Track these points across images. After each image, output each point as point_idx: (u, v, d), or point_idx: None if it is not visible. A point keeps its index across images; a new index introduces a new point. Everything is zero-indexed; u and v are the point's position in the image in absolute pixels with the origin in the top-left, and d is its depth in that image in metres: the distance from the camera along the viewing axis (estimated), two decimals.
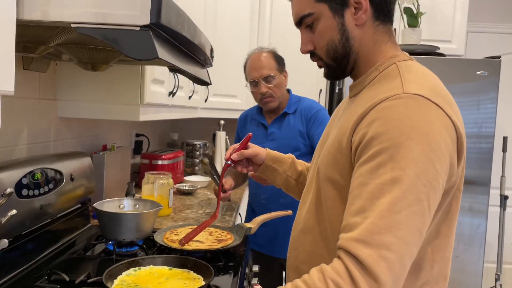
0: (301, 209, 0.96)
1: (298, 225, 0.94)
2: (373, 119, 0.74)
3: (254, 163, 1.17)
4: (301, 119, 1.84)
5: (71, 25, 0.77)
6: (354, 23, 0.83)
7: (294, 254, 0.94)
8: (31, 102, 1.35)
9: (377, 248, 0.66)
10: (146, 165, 2.25)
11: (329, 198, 0.83)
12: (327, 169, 0.84)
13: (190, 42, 1.00)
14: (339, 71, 0.89)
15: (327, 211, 0.84)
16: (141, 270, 1.07)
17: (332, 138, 0.86)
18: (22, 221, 1.08)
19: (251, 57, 1.88)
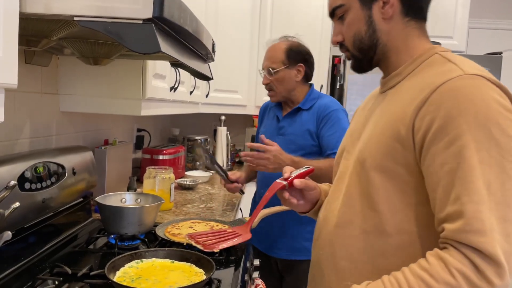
0: (332, 204, 0.93)
1: (330, 220, 0.90)
2: (440, 102, 0.73)
3: (305, 197, 1.03)
4: (314, 117, 1.70)
5: (73, 18, 0.78)
6: (381, 17, 0.86)
7: (329, 250, 0.89)
8: (33, 96, 1.35)
9: (490, 233, 0.67)
10: (147, 160, 2.26)
11: (381, 189, 0.81)
12: (377, 159, 0.81)
13: (192, 36, 1.01)
14: (365, 62, 0.91)
15: (378, 200, 0.81)
16: (144, 263, 1.08)
17: (380, 126, 0.83)
18: (24, 214, 1.09)
19: (269, 45, 1.80)
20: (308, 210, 1.06)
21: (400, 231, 0.79)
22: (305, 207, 1.05)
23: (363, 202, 0.84)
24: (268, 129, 1.82)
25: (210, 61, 1.43)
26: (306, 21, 2.88)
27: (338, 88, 2.88)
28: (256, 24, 2.85)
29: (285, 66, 1.72)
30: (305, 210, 1.07)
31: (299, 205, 1.04)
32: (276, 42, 1.80)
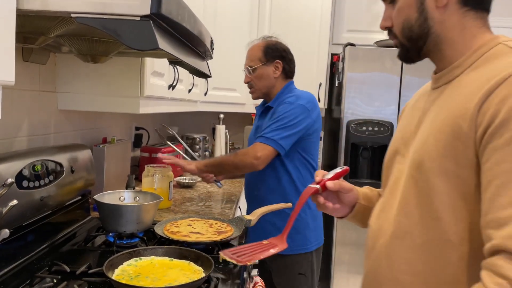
0: (387, 212, 0.85)
1: (385, 230, 0.83)
2: (506, 95, 0.66)
3: (340, 200, 0.98)
4: (273, 112, 1.76)
5: (71, 15, 0.77)
6: (434, 4, 0.79)
7: (387, 263, 0.82)
8: (31, 94, 1.35)
9: None
10: (146, 158, 2.26)
11: (443, 194, 0.73)
12: (437, 161, 0.73)
13: (191, 34, 1.00)
14: (413, 53, 0.84)
15: (439, 207, 0.74)
16: (142, 261, 1.08)
17: (438, 125, 0.76)
18: (22, 212, 1.08)
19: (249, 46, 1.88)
20: (346, 214, 1.01)
21: (464, 240, 0.72)
22: (343, 211, 1.00)
23: (422, 210, 0.76)
24: (253, 128, 1.92)
25: (209, 59, 1.43)
26: (305, 20, 2.88)
27: (336, 86, 2.88)
28: (254, 23, 2.85)
29: (262, 63, 1.78)
30: (343, 214, 1.01)
31: (336, 209, 0.98)
32: (252, 43, 1.87)
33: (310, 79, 2.92)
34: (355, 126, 2.65)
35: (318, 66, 2.93)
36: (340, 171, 0.97)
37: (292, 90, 1.82)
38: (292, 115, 1.67)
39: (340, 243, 2.70)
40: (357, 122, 2.65)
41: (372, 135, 2.64)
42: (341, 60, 2.73)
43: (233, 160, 1.70)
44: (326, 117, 3.25)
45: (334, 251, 2.71)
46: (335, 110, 2.95)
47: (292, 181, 1.75)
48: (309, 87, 2.89)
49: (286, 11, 2.88)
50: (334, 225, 2.71)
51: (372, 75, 2.63)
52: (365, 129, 2.64)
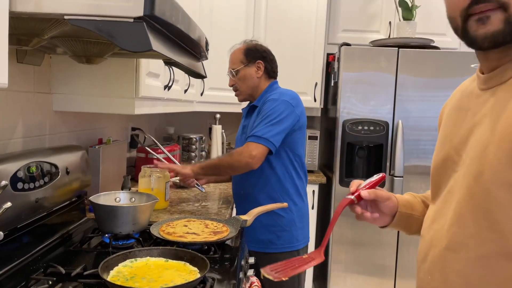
0: (439, 223, 0.81)
1: (438, 242, 0.79)
2: None
3: (379, 209, 0.95)
4: (258, 111, 1.79)
5: (64, 17, 0.77)
6: None
7: (441, 276, 0.78)
8: (26, 96, 1.35)
9: None
10: (142, 158, 2.26)
11: (506, 206, 0.69)
12: (499, 170, 0.69)
13: (185, 35, 1.00)
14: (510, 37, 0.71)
15: (502, 220, 0.70)
16: (138, 262, 1.08)
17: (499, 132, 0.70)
18: (17, 214, 1.08)
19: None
20: (388, 223, 0.98)
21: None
22: (383, 220, 0.97)
23: (479, 221, 0.72)
24: (239, 128, 1.95)
25: (204, 59, 1.43)
26: (300, 20, 2.89)
27: (332, 86, 2.88)
28: (250, 23, 2.85)
29: (244, 65, 1.83)
30: (384, 223, 0.98)
31: (376, 219, 0.95)
32: (233, 48, 1.92)
33: (306, 79, 2.92)
34: (351, 126, 2.65)
35: (314, 66, 2.93)
36: (376, 179, 0.96)
37: (276, 88, 1.85)
38: (278, 111, 1.70)
39: (337, 242, 2.71)
40: (353, 121, 2.65)
41: (368, 134, 2.64)
42: (337, 60, 2.74)
43: (228, 161, 1.71)
44: (322, 117, 3.26)
45: (331, 250, 2.72)
46: (331, 109, 2.96)
47: (279, 179, 1.76)
48: (305, 87, 2.91)
49: (282, 11, 2.88)
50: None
51: (368, 75, 2.64)
52: (360, 129, 2.65)
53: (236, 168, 1.70)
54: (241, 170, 1.70)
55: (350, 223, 2.68)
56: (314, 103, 2.94)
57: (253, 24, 2.86)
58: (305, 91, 2.90)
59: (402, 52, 2.58)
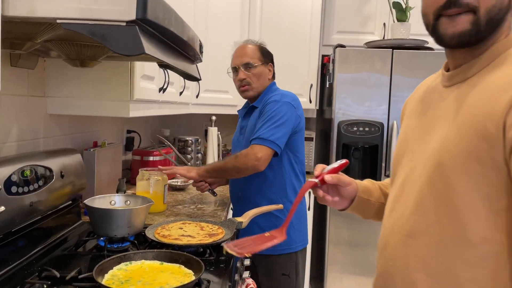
0: (399, 211, 0.85)
1: (399, 229, 0.83)
2: None
3: (341, 194, 0.99)
4: (259, 112, 1.78)
5: (57, 21, 0.77)
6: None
7: (402, 262, 0.81)
8: (20, 99, 1.34)
9: None
10: (137, 161, 2.25)
11: (464, 194, 0.72)
12: (458, 160, 0.72)
13: (178, 38, 1.01)
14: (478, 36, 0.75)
15: (459, 206, 0.73)
16: (132, 265, 1.08)
17: (459, 124, 0.74)
18: (11, 218, 1.08)
19: (237, 46, 1.89)
20: (346, 207, 1.02)
21: (485, 240, 0.71)
22: (342, 204, 1.01)
23: (439, 209, 0.76)
24: (237, 129, 1.94)
25: (198, 62, 1.43)
26: (295, 21, 2.89)
27: (327, 87, 2.89)
28: (245, 25, 2.86)
29: (261, 63, 1.81)
30: (343, 207, 1.03)
31: (335, 202, 1.00)
32: (244, 42, 1.88)
33: (301, 80, 2.93)
34: (346, 127, 2.66)
35: (309, 68, 2.94)
36: (339, 165, 0.99)
37: (276, 90, 1.84)
38: (281, 113, 1.69)
39: (333, 242, 2.71)
40: (348, 122, 2.66)
41: (363, 135, 2.65)
42: (332, 61, 2.75)
43: (234, 164, 1.68)
44: (318, 118, 3.26)
45: (327, 251, 2.72)
46: (326, 111, 2.96)
47: (278, 181, 1.75)
48: (301, 88, 2.92)
49: (277, 13, 2.89)
50: (327, 225, 2.73)
51: (363, 76, 2.65)
52: (356, 130, 2.66)
53: (242, 171, 1.68)
54: (247, 172, 1.69)
55: (346, 224, 2.68)
56: (310, 104, 2.95)
57: (248, 26, 2.86)
58: (301, 92, 2.90)
59: (396, 53, 2.59)
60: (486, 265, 0.72)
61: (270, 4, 2.88)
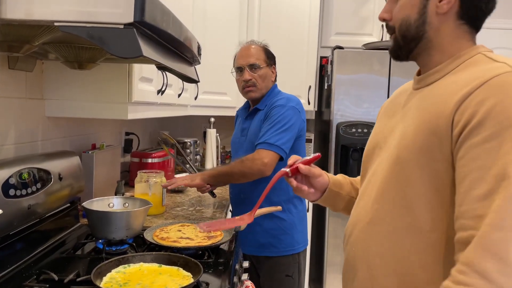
0: (364, 200, 0.92)
1: (363, 217, 0.90)
2: (484, 97, 0.71)
3: (313, 185, 1.06)
4: (264, 115, 1.78)
5: (54, 23, 0.77)
6: (435, 10, 0.83)
7: (362, 247, 0.89)
8: (18, 102, 1.34)
9: (509, 232, 0.67)
10: (136, 163, 2.25)
11: (418, 185, 0.79)
12: (412, 153, 0.80)
13: (176, 40, 1.01)
14: (403, 51, 0.88)
15: (412, 196, 0.80)
16: (131, 268, 1.08)
17: (417, 122, 0.82)
18: (9, 221, 1.08)
19: (242, 46, 1.88)
20: (317, 198, 1.09)
21: (433, 229, 0.78)
22: (315, 195, 1.08)
23: (396, 199, 0.83)
24: (237, 131, 1.93)
25: (196, 64, 1.43)
26: (294, 23, 2.90)
27: (326, 89, 2.89)
28: (244, 27, 2.86)
29: (266, 64, 1.82)
30: (315, 198, 1.09)
31: (310, 193, 1.07)
32: (249, 43, 1.88)
33: (299, 82, 2.93)
34: (345, 128, 2.66)
35: (308, 69, 2.94)
36: (312, 157, 1.05)
37: (279, 93, 1.84)
38: (287, 118, 1.70)
39: (332, 244, 2.71)
40: (346, 124, 2.67)
41: (361, 136, 2.65)
42: (330, 63, 2.75)
43: (240, 169, 1.67)
44: (316, 120, 3.27)
45: (326, 253, 2.72)
46: (324, 112, 2.97)
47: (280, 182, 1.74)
48: (299, 89, 2.92)
49: (275, 15, 2.89)
50: (325, 226, 2.73)
51: (361, 77, 2.65)
52: (354, 131, 2.66)
53: (248, 175, 1.67)
54: (253, 177, 1.68)
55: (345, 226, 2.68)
56: (308, 106, 2.95)
57: (246, 28, 2.87)
58: (299, 94, 2.91)
59: None
60: (434, 252, 0.78)
61: (268, 6, 2.88)
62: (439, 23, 0.84)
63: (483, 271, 0.67)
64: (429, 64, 0.87)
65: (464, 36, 0.85)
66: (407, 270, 0.81)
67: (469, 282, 0.67)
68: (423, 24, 0.84)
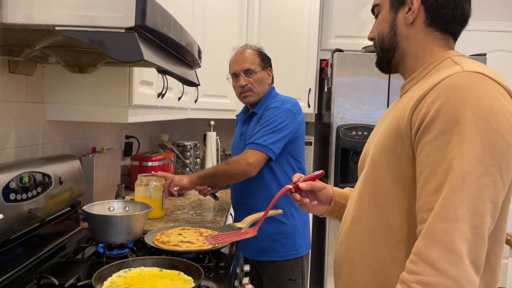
0: (350, 203, 0.99)
1: (348, 218, 0.96)
2: (435, 98, 0.76)
3: (319, 198, 1.12)
4: (259, 118, 1.78)
5: (55, 28, 0.77)
6: (404, 22, 0.90)
7: (346, 245, 0.94)
8: (18, 106, 1.34)
9: (451, 222, 0.71)
10: (136, 167, 2.25)
11: (387, 184, 0.85)
12: (383, 154, 0.85)
13: (177, 43, 1.01)
14: (383, 63, 0.96)
15: (383, 195, 0.85)
16: (132, 272, 1.07)
17: (385, 125, 0.88)
18: (10, 225, 1.07)
19: (236, 52, 1.87)
20: (325, 211, 1.13)
21: (403, 225, 0.83)
22: (321, 208, 1.13)
23: (371, 198, 0.88)
24: (236, 135, 1.92)
25: (197, 67, 1.43)
26: (293, 26, 2.90)
27: (326, 92, 2.89)
28: (243, 30, 2.86)
29: (261, 68, 1.81)
30: (323, 211, 1.14)
31: (315, 206, 1.12)
32: (243, 47, 1.87)
33: (299, 85, 2.93)
34: (345, 131, 2.66)
35: (308, 72, 2.95)
36: (315, 174, 1.12)
37: (276, 96, 1.84)
38: (280, 119, 1.69)
39: (333, 247, 2.70)
40: (346, 126, 2.66)
41: (361, 139, 2.65)
42: (330, 66, 2.75)
43: (225, 169, 1.68)
44: (316, 123, 3.27)
45: (327, 256, 2.71)
46: (325, 115, 2.97)
47: (280, 187, 1.75)
48: (299, 92, 2.92)
49: (275, 18, 2.90)
50: (326, 230, 2.72)
51: (361, 80, 2.65)
52: (354, 134, 2.66)
53: (233, 176, 1.68)
54: (239, 178, 1.68)
55: None
56: (308, 109, 2.95)
57: (246, 32, 2.87)
58: (299, 97, 2.91)
59: None
60: (404, 247, 0.82)
61: (268, 9, 2.89)
62: (408, 32, 0.90)
63: (430, 260, 0.71)
64: (406, 72, 0.94)
65: (435, 43, 0.90)
66: (381, 265, 0.85)
67: (419, 271, 0.72)
68: (394, 36, 0.91)
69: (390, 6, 0.91)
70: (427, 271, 0.71)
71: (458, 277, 0.70)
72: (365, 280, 0.88)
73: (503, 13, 3.45)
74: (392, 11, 0.91)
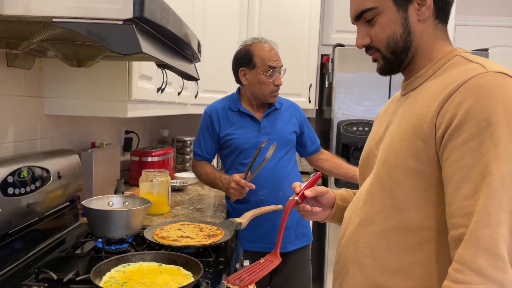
0: (355, 204, 0.96)
1: (354, 219, 0.93)
2: (462, 99, 0.75)
3: (321, 203, 1.09)
4: (292, 115, 1.87)
5: (53, 19, 0.76)
6: (416, 19, 0.87)
7: (353, 248, 0.92)
8: (17, 100, 1.33)
9: (494, 227, 0.70)
10: (136, 162, 2.24)
11: (406, 187, 0.82)
12: (400, 157, 0.83)
13: (176, 37, 1.00)
14: (395, 65, 0.91)
15: (402, 198, 0.83)
16: (131, 267, 1.07)
17: (401, 125, 0.85)
18: (8, 219, 1.07)
19: (263, 45, 1.80)
20: (328, 215, 1.11)
21: (423, 227, 0.82)
22: (325, 213, 1.11)
23: (384, 200, 0.86)
24: (247, 130, 1.81)
25: (196, 62, 1.42)
26: (294, 21, 2.88)
27: (327, 87, 2.88)
28: (244, 24, 2.84)
29: None
30: (326, 216, 1.11)
31: (319, 213, 1.09)
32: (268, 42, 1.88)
33: (300, 80, 2.92)
34: (346, 127, 2.65)
35: (308, 67, 2.93)
36: (312, 179, 1.10)
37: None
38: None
39: (333, 243, 2.70)
40: (347, 122, 2.65)
41: (362, 135, 2.64)
42: (331, 61, 2.74)
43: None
44: (317, 118, 3.25)
45: (327, 252, 2.71)
46: (325, 110, 2.95)
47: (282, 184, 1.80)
48: (300, 88, 2.91)
49: (275, 13, 2.88)
50: (326, 225, 2.72)
51: (362, 75, 2.64)
52: (355, 129, 2.65)
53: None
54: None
55: None
56: (309, 104, 2.93)
57: (247, 26, 2.85)
58: (300, 92, 2.90)
59: None
60: (424, 249, 0.82)
61: (269, 3, 2.87)
62: (422, 29, 0.87)
63: (478, 268, 0.70)
64: (414, 69, 0.91)
65: (441, 36, 0.89)
66: (401, 267, 0.84)
67: (467, 280, 0.70)
68: (409, 35, 0.87)
69: (396, 6, 0.86)
70: (475, 279, 0.70)
71: (503, 281, 0.70)
72: (383, 283, 0.86)
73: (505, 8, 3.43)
74: (401, 10, 0.86)
